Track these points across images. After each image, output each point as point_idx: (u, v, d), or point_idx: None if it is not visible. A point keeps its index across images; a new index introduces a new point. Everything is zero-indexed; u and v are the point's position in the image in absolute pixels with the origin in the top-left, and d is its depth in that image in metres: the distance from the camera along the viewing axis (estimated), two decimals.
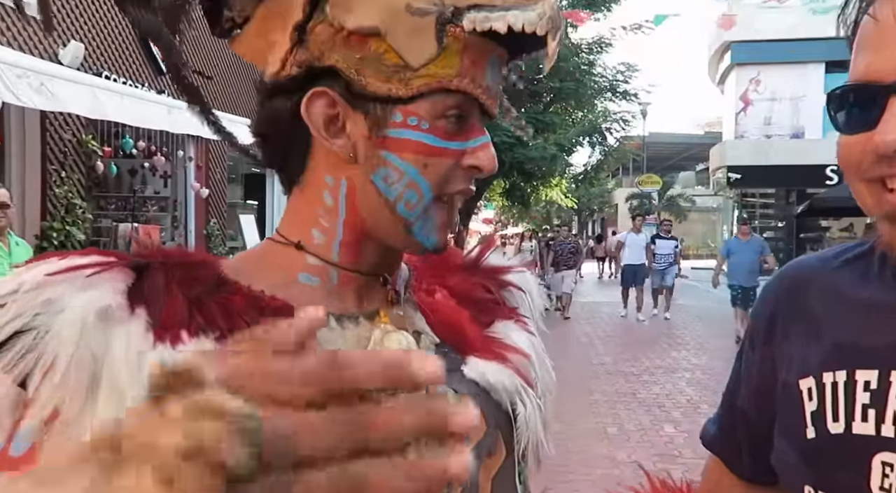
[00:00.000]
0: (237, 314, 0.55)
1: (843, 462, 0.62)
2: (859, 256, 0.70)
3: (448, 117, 0.59)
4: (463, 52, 0.58)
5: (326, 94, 0.59)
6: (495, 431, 0.64)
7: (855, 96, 0.60)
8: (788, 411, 0.69)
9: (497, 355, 0.68)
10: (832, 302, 0.69)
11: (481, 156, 0.60)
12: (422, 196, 0.59)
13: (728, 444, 0.83)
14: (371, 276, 0.64)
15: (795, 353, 0.71)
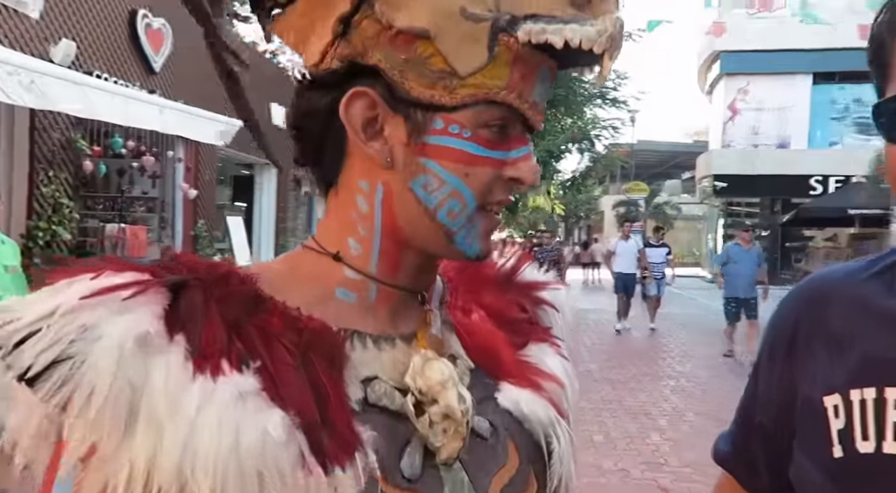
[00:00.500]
0: (275, 338, 0.52)
1: (873, 482, 0.61)
2: (885, 268, 0.69)
3: (490, 127, 0.56)
4: (513, 64, 0.55)
5: (367, 94, 0.56)
6: (527, 465, 0.62)
7: None
8: (811, 428, 0.68)
9: (531, 382, 0.65)
10: (859, 316, 0.68)
11: (523, 167, 0.58)
12: (465, 205, 0.57)
13: (742, 461, 0.82)
14: (408, 292, 0.61)
15: (818, 369, 0.70)
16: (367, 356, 0.57)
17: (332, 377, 0.53)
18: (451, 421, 0.56)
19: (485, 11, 0.54)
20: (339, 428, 0.51)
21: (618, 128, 18.95)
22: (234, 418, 0.47)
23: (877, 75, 0.64)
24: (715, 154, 23.16)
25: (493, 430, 0.61)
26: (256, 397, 0.48)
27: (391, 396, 0.56)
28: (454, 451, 0.56)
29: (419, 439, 0.56)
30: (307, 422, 0.49)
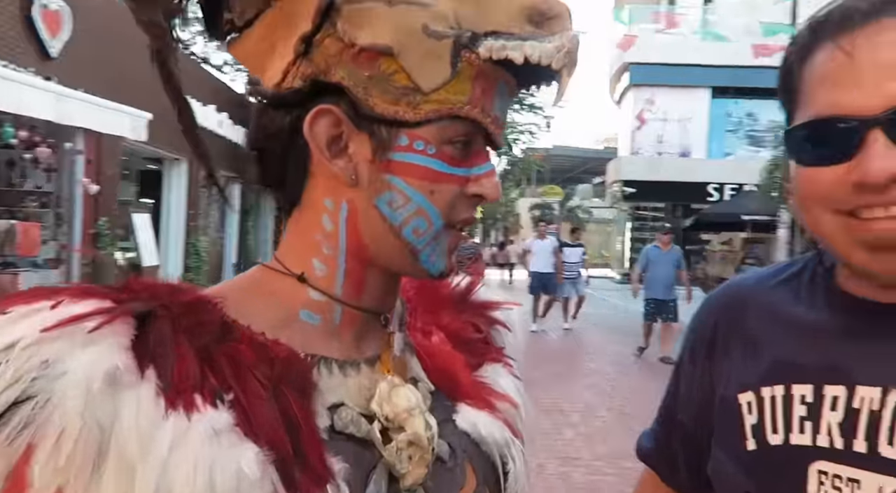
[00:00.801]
0: (247, 369, 0.51)
1: (783, 472, 0.66)
2: (791, 277, 0.76)
3: (454, 143, 0.57)
4: (475, 80, 0.56)
5: (331, 112, 0.56)
6: (484, 486, 0.63)
7: (825, 130, 0.61)
8: (727, 424, 0.73)
9: (487, 403, 0.66)
10: (769, 321, 0.73)
11: (486, 184, 0.59)
12: (431, 223, 0.57)
13: (664, 457, 0.87)
14: (372, 314, 0.61)
15: (734, 369, 0.74)
16: (333, 383, 0.57)
17: (303, 408, 0.52)
18: (417, 448, 0.56)
19: (446, 29, 0.55)
20: (310, 461, 0.50)
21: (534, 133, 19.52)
22: (208, 456, 0.45)
23: (785, 101, 0.68)
24: (624, 161, 24.33)
25: (452, 452, 0.61)
26: (230, 432, 0.47)
27: (357, 423, 0.56)
28: (419, 477, 0.57)
29: (384, 465, 0.56)
30: (280, 456, 0.48)
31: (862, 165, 0.58)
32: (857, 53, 0.58)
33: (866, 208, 0.59)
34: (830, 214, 0.62)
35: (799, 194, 0.65)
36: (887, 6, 0.59)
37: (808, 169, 0.63)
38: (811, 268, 0.74)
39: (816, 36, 0.62)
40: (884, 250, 0.59)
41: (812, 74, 0.63)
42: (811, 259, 0.75)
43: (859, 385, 0.63)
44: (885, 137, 0.57)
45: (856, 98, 0.58)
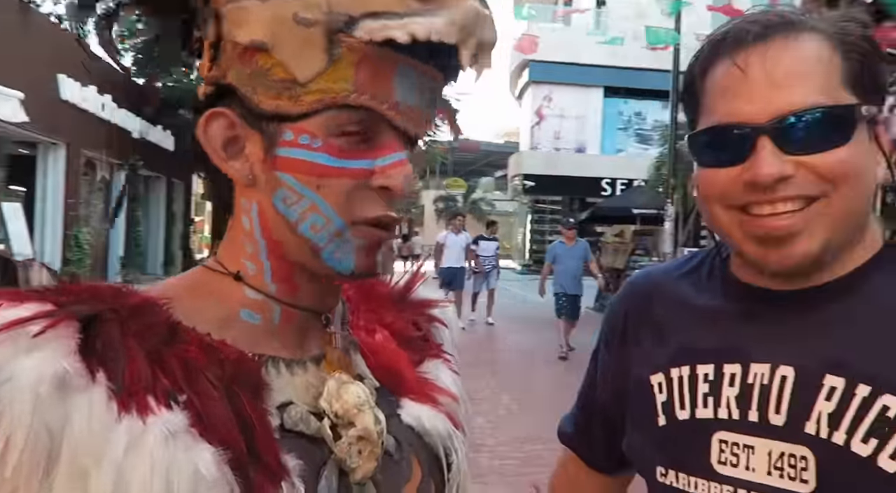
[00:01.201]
0: (198, 370, 0.51)
1: (689, 443, 0.73)
2: (692, 269, 0.84)
3: (348, 135, 0.54)
4: (358, 65, 0.53)
5: (224, 114, 0.56)
6: (429, 478, 0.65)
7: (723, 136, 0.67)
8: (641, 403, 0.80)
9: (430, 397, 0.68)
10: (674, 309, 0.80)
11: (392, 174, 0.55)
12: (328, 220, 0.55)
13: (584, 439, 0.94)
14: (311, 313, 0.61)
15: (645, 353, 0.81)
16: (281, 382, 0.57)
17: (256, 408, 0.52)
18: (367, 443, 0.57)
19: (318, 15, 0.53)
20: (265, 459, 0.50)
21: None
22: (165, 458, 0.44)
23: (688, 108, 0.75)
24: (524, 155, 25.13)
25: (398, 446, 0.62)
26: (186, 434, 0.46)
27: (307, 420, 0.56)
28: (369, 471, 0.58)
29: (335, 461, 0.57)
30: (235, 456, 0.48)
31: (753, 167, 0.65)
32: (749, 69, 0.65)
33: (756, 205, 0.66)
34: (726, 209, 0.69)
35: (700, 192, 0.72)
36: (775, 29, 0.66)
37: (708, 170, 0.70)
38: (709, 261, 0.82)
39: (716, 52, 0.69)
40: (771, 242, 0.66)
41: (712, 86, 0.69)
42: (709, 253, 0.83)
43: (753, 363, 0.70)
44: (772, 143, 0.64)
45: (748, 109, 0.65)
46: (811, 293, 0.69)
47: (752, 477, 0.68)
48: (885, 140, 0.69)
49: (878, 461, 0.61)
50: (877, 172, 0.68)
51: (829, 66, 0.64)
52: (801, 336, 0.69)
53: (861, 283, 0.68)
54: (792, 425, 0.66)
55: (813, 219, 0.64)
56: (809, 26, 0.66)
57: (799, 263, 0.66)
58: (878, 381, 0.63)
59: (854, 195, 0.65)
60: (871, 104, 0.65)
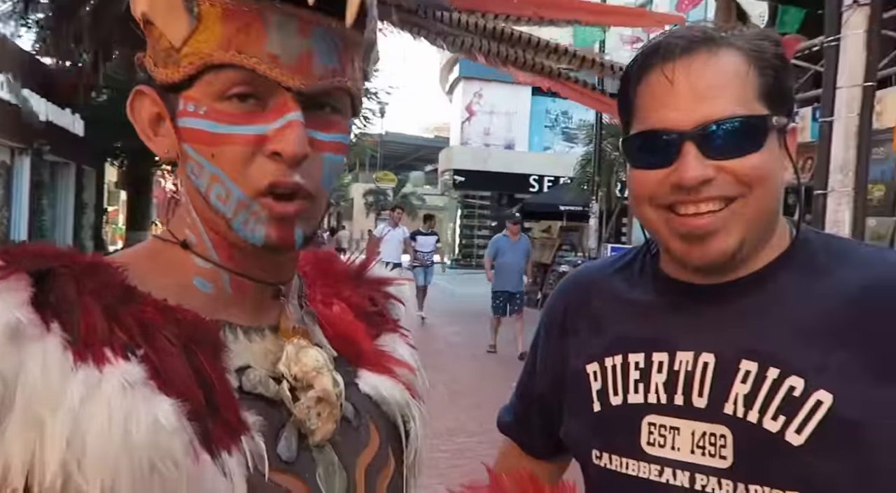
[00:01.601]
0: (155, 329, 0.51)
1: (622, 427, 0.79)
2: (625, 265, 0.90)
3: (231, 98, 0.53)
4: (223, 21, 0.52)
5: (142, 92, 0.58)
6: (387, 444, 0.66)
7: (653, 141, 0.73)
8: (578, 391, 0.85)
9: (387, 369, 0.69)
10: (609, 302, 0.86)
11: (282, 138, 0.52)
12: (229, 190, 0.54)
13: (523, 428, 0.99)
14: (263, 284, 0.61)
15: (582, 344, 0.86)
16: (238, 347, 0.57)
17: (216, 367, 0.53)
18: (326, 404, 0.59)
19: None
20: (224, 414, 0.51)
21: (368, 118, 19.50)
22: (123, 407, 0.45)
23: (623, 114, 0.80)
24: (455, 150, 25.32)
25: (356, 413, 0.64)
26: (144, 386, 0.47)
27: (266, 383, 0.57)
28: (328, 433, 0.59)
29: (294, 423, 0.58)
30: (193, 409, 0.49)
31: (679, 170, 0.71)
32: (676, 80, 0.71)
33: (682, 205, 0.72)
34: (655, 209, 0.75)
35: (632, 193, 0.78)
36: (699, 44, 0.72)
37: (639, 171, 0.76)
38: (641, 257, 0.89)
39: (647, 63, 0.75)
40: (694, 239, 0.72)
41: (644, 94, 0.75)
42: (641, 250, 0.90)
43: (678, 351, 0.77)
44: (696, 149, 0.70)
45: (674, 116, 0.71)
46: (728, 288, 0.76)
47: (677, 456, 0.74)
48: (793, 148, 0.76)
49: (785, 435, 0.68)
50: (784, 176, 0.76)
51: (745, 79, 0.71)
52: (720, 326, 0.75)
53: (770, 278, 0.76)
54: (713, 406, 0.73)
55: (730, 218, 0.71)
56: (729, 43, 0.72)
57: (718, 258, 0.72)
58: (785, 364, 0.70)
59: (766, 197, 0.72)
60: (781, 115, 0.73)
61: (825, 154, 4.46)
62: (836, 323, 0.70)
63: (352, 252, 0.80)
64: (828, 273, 0.74)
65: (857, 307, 0.70)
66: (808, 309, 0.72)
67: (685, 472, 0.73)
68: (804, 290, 0.74)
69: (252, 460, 0.51)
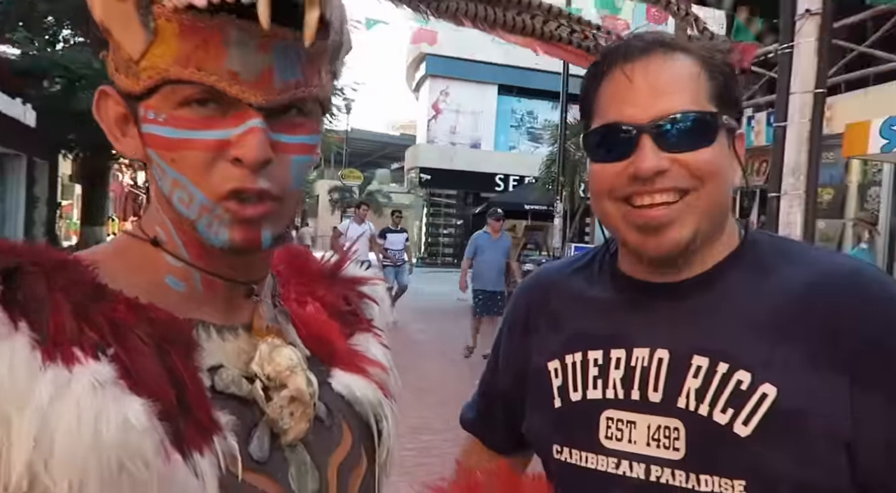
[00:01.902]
0: (127, 327, 0.50)
1: (581, 422, 0.82)
2: (584, 265, 0.93)
3: (190, 104, 0.53)
4: (181, 36, 0.51)
5: (106, 93, 0.58)
6: (359, 443, 0.67)
7: (612, 134, 0.76)
8: (539, 388, 0.87)
9: (360, 368, 0.70)
10: (569, 301, 0.89)
11: (243, 144, 0.52)
12: (192, 196, 0.55)
13: (485, 424, 1.01)
14: (234, 283, 0.61)
15: (543, 342, 0.89)
16: (211, 346, 0.57)
17: (188, 366, 0.53)
18: (299, 404, 0.59)
19: None
20: (196, 414, 0.51)
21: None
22: (92, 407, 0.45)
23: (584, 111, 0.84)
24: (421, 148, 25.31)
25: (329, 412, 0.65)
26: (114, 385, 0.46)
27: (239, 383, 0.57)
28: (301, 432, 0.59)
29: (266, 423, 0.58)
30: (165, 409, 0.48)
31: (636, 161, 0.75)
32: (634, 79, 0.76)
33: (638, 196, 0.76)
34: (613, 202, 0.78)
35: (592, 187, 0.82)
36: (656, 47, 0.77)
37: (599, 165, 0.80)
38: (600, 257, 0.92)
39: (607, 63, 0.79)
40: (650, 231, 0.76)
41: (604, 92, 0.79)
42: (600, 250, 0.93)
43: (635, 348, 0.80)
44: (652, 141, 0.74)
45: (633, 112, 0.75)
46: (681, 286, 0.80)
47: (633, 449, 0.77)
48: (741, 152, 0.81)
49: (734, 427, 0.72)
50: (733, 177, 0.80)
51: (697, 81, 0.76)
52: (674, 323, 0.79)
53: (720, 277, 0.80)
54: (667, 401, 0.76)
55: (684, 210, 0.75)
56: (683, 48, 0.77)
57: (672, 249, 0.76)
58: (734, 359, 0.74)
59: (717, 191, 0.76)
60: (729, 116, 0.78)
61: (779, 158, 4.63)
62: (782, 319, 0.74)
63: (315, 249, 0.80)
64: (774, 271, 0.78)
65: (801, 303, 0.74)
66: (756, 306, 0.76)
67: (641, 464, 0.76)
68: (752, 288, 0.78)
69: (224, 460, 0.51)
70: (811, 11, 4.40)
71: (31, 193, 14.07)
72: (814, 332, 0.72)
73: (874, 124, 5.98)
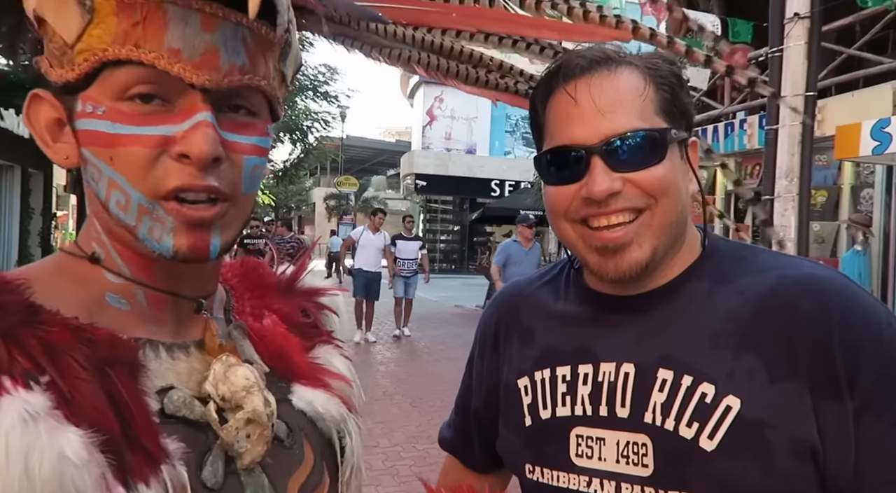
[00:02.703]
0: (63, 351, 0.47)
1: (551, 440, 0.80)
2: (552, 278, 0.91)
3: (133, 98, 0.50)
4: (118, 14, 0.49)
5: (38, 96, 0.54)
6: (321, 461, 0.64)
7: (562, 157, 0.75)
8: (510, 406, 0.86)
9: (322, 382, 0.67)
10: (537, 316, 0.87)
11: (189, 139, 0.50)
12: (128, 195, 0.51)
13: (462, 443, 0.99)
14: (181, 298, 0.58)
15: (514, 358, 0.87)
16: (160, 366, 0.55)
17: (132, 389, 0.50)
18: (256, 425, 0.56)
19: None
20: (142, 442, 0.48)
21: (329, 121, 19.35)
22: (23, 442, 0.42)
23: (534, 133, 0.82)
24: (416, 154, 25.33)
25: (289, 432, 0.62)
26: (48, 417, 0.44)
27: (190, 405, 0.54)
28: (258, 455, 0.57)
29: (220, 447, 0.55)
30: (107, 438, 0.46)
31: (588, 184, 0.73)
32: (579, 98, 0.74)
33: (594, 218, 0.75)
34: (570, 224, 0.77)
35: (548, 209, 0.80)
36: (598, 63, 0.75)
37: (552, 188, 0.78)
38: (566, 271, 0.90)
39: (551, 82, 0.77)
40: (609, 252, 0.75)
41: (551, 113, 0.77)
42: (566, 263, 0.91)
43: (602, 362, 0.79)
44: (603, 162, 0.73)
45: (580, 132, 0.74)
46: (644, 298, 0.79)
47: (603, 466, 0.76)
48: (695, 160, 0.80)
49: (699, 441, 0.71)
50: (689, 187, 0.79)
51: (644, 95, 0.74)
52: (639, 336, 0.78)
53: (682, 288, 0.78)
54: (634, 416, 0.75)
55: (640, 231, 0.74)
56: (627, 61, 0.76)
57: (632, 268, 0.75)
58: (697, 372, 0.73)
59: (672, 207, 0.75)
60: (680, 129, 0.76)
61: (771, 161, 4.64)
62: (743, 328, 0.73)
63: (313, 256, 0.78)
64: (734, 280, 0.77)
65: (759, 311, 0.73)
66: (717, 316, 0.75)
67: (611, 482, 0.75)
68: (712, 297, 0.76)
69: (173, 491, 0.49)
70: (800, 15, 4.42)
71: (26, 203, 14.03)
72: (772, 340, 0.71)
73: (865, 126, 6.00)
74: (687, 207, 0.79)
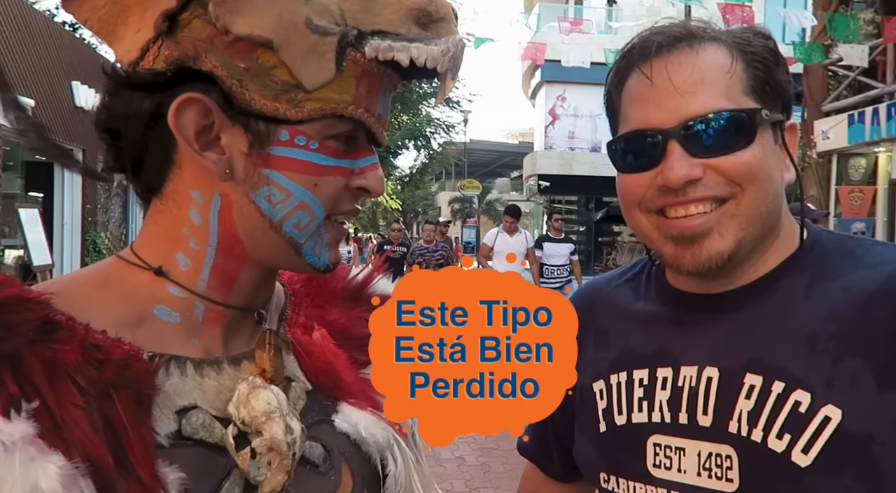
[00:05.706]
0: (65, 373, 0.46)
1: (627, 448, 0.76)
2: (633, 276, 0.86)
3: (337, 137, 0.57)
4: (360, 79, 0.55)
5: (201, 102, 0.53)
6: (361, 488, 0.61)
7: (637, 142, 0.70)
8: (586, 411, 0.82)
9: (372, 401, 0.64)
10: (615, 316, 0.83)
11: (370, 176, 0.59)
12: (314, 217, 0.57)
13: (541, 451, 0.96)
14: (242, 310, 0.59)
15: (590, 361, 0.82)
16: (185, 385, 0.54)
17: (135, 413, 0.48)
18: (276, 454, 0.54)
19: (332, 25, 0.54)
20: (138, 472, 0.46)
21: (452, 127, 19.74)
22: None
23: (610, 120, 0.78)
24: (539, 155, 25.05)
25: (326, 455, 0.59)
26: (28, 446, 0.42)
27: (210, 427, 0.53)
28: (278, 484, 0.54)
29: (240, 472, 0.53)
30: (98, 468, 0.44)
31: (664, 171, 0.68)
32: (655, 78, 0.68)
33: (671, 208, 0.69)
34: (645, 214, 0.72)
35: (621, 199, 0.75)
36: (679, 40, 0.69)
37: (626, 175, 0.73)
38: (648, 268, 0.84)
39: (626, 64, 0.72)
40: (685, 242, 0.69)
41: (626, 96, 0.72)
42: (647, 261, 0.85)
43: (682, 366, 0.73)
44: (681, 147, 0.67)
45: (656, 115, 0.68)
46: (731, 296, 0.72)
47: (683, 479, 0.70)
48: (793, 146, 0.71)
49: (791, 455, 0.63)
50: (785, 175, 0.70)
51: (731, 74, 0.67)
52: (724, 338, 0.71)
53: (775, 284, 0.70)
54: (717, 425, 0.68)
55: (723, 220, 0.67)
56: (712, 37, 0.69)
57: (711, 261, 0.68)
58: (791, 377, 0.65)
59: (762, 196, 0.67)
60: (773, 110, 0.68)
61: None
62: (846, 329, 0.64)
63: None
64: (837, 276, 0.68)
65: (866, 311, 0.64)
66: (817, 316, 0.66)
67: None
68: (812, 295, 0.68)
69: None
70: None
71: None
72: (881, 344, 0.61)
73: None
74: (781, 197, 0.70)
